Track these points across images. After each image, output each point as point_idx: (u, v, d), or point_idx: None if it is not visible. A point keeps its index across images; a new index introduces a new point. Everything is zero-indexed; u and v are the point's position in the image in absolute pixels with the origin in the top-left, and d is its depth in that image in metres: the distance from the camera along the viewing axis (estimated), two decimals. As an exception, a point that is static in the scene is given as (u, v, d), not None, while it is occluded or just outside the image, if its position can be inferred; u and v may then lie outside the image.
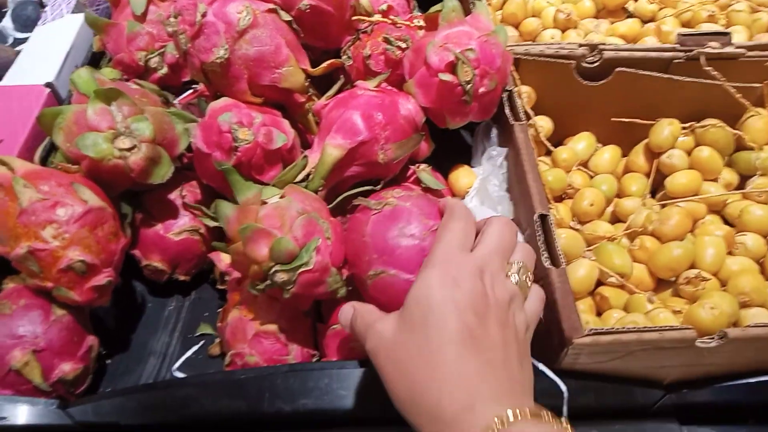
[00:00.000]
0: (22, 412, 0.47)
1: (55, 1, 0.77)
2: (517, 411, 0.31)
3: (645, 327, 0.42)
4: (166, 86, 0.66)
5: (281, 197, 0.49)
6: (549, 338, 0.46)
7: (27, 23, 0.84)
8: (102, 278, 0.50)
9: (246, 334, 0.50)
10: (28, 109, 0.64)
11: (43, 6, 0.83)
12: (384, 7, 0.71)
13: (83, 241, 0.49)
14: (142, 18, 0.64)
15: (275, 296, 0.48)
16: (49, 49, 0.70)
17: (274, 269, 0.45)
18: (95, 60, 0.71)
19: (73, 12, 0.75)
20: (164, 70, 0.64)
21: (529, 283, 0.41)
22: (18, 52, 0.74)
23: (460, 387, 0.34)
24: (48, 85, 0.66)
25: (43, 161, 0.59)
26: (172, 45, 0.64)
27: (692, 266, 0.53)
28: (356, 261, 0.49)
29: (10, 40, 0.85)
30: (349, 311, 0.42)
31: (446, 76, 0.54)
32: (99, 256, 0.50)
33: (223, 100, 0.56)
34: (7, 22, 0.86)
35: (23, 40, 0.83)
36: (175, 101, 0.68)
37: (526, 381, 0.37)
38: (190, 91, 0.69)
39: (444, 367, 0.34)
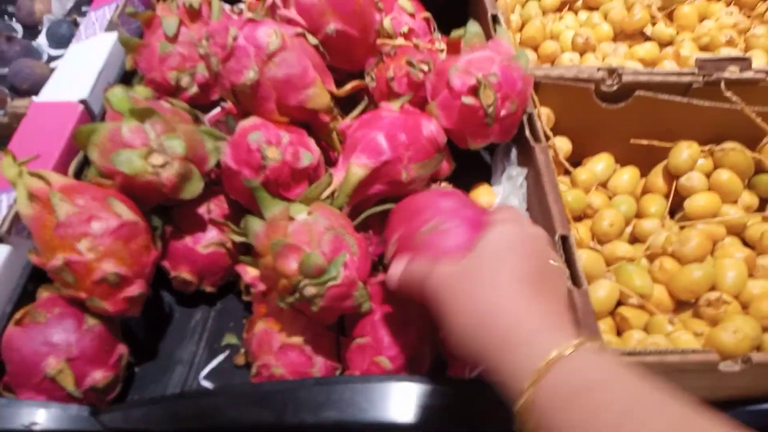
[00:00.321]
0: (55, 418, 0.48)
1: (89, 20, 0.80)
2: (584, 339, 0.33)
3: (667, 349, 0.42)
4: (195, 104, 0.68)
5: (309, 214, 0.51)
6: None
7: (61, 41, 0.87)
8: (134, 290, 0.52)
9: (272, 346, 0.51)
10: (63, 125, 0.66)
11: (77, 24, 0.86)
12: (405, 29, 0.73)
13: (117, 253, 0.51)
14: (174, 39, 0.66)
15: (302, 309, 0.50)
16: (82, 67, 0.73)
17: (303, 283, 0.46)
18: (127, 77, 0.73)
19: (106, 31, 0.78)
20: (194, 89, 0.66)
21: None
22: (53, 69, 0.76)
23: (531, 313, 0.35)
24: (82, 101, 0.68)
25: (77, 176, 0.61)
26: (201, 65, 0.66)
27: (712, 288, 0.54)
28: (407, 222, 0.49)
29: (45, 57, 0.88)
30: (398, 266, 0.44)
31: (469, 99, 0.55)
32: (132, 268, 0.52)
33: (253, 119, 0.58)
34: (42, 40, 0.89)
35: (57, 57, 0.85)
36: (204, 119, 0.70)
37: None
38: (218, 109, 0.71)
39: (518, 296, 0.36)
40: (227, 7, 0.84)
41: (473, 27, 0.58)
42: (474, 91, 0.55)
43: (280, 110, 0.59)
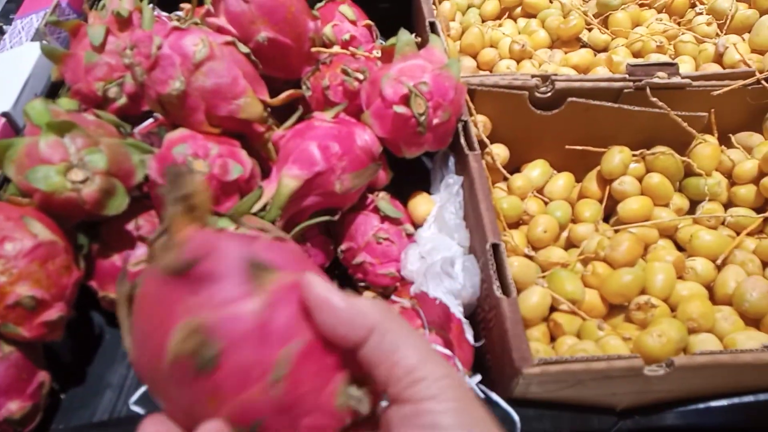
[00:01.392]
0: (-35, 454, 0.45)
1: (15, 29, 0.77)
2: None
3: (593, 356, 0.43)
4: (126, 116, 0.66)
5: (236, 228, 0.49)
6: (501, 368, 0.47)
7: (-14, 51, 0.83)
8: (53, 313, 0.50)
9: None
10: (-18, 139, 0.63)
11: (3, 33, 0.82)
12: (347, 36, 0.72)
13: (32, 275, 0.48)
14: (100, 48, 0.64)
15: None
16: (6, 78, 0.70)
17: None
18: (55, 89, 0.70)
19: (32, 40, 0.75)
20: (123, 100, 0.64)
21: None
22: (-25, 81, 0.73)
23: None
24: (4, 114, 0.66)
25: (-4, 192, 0.58)
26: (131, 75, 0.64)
27: (643, 292, 0.54)
28: None
29: (-31, 68, 0.84)
30: None
31: (400, 108, 0.55)
32: (50, 290, 0.49)
33: (180, 131, 0.56)
34: (-34, 50, 0.85)
35: (-19, 68, 0.81)
36: (136, 130, 0.68)
37: None
38: (151, 120, 0.69)
39: None
40: (164, 14, 0.82)
41: (404, 36, 0.58)
42: (405, 99, 0.55)
43: (210, 121, 0.57)
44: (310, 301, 0.25)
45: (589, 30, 0.81)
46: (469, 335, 0.52)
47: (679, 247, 0.63)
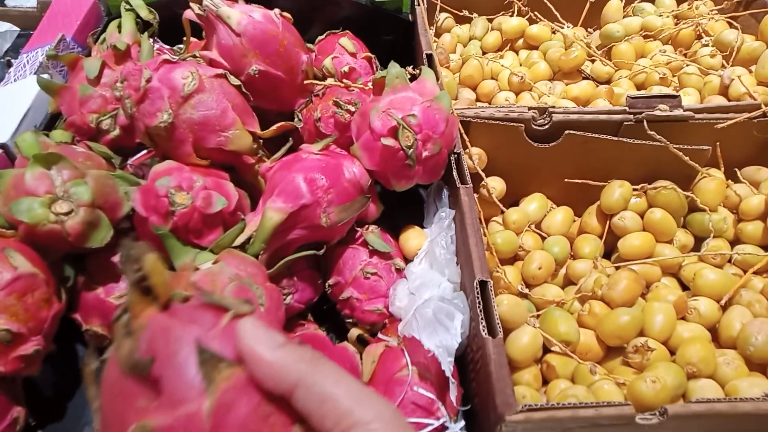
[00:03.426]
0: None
1: (20, 62, 0.78)
2: None
3: (581, 403, 0.40)
4: (120, 147, 0.66)
5: (214, 263, 0.48)
6: (486, 412, 0.44)
7: (-6, 83, 0.85)
8: (29, 347, 0.49)
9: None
10: (-22, 170, 0.63)
11: (11, 66, 0.84)
12: (346, 68, 0.72)
13: (10, 308, 0.48)
14: (95, 81, 0.64)
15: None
16: (7, 110, 0.71)
17: (200, 339, 0.43)
18: (53, 121, 0.71)
19: (35, 73, 0.76)
20: (116, 131, 0.64)
21: None
22: (-21, 112, 0.74)
23: None
24: (1, 146, 0.66)
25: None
26: (125, 107, 0.64)
27: (642, 334, 0.52)
28: None
29: (-24, 100, 0.86)
30: None
31: (388, 141, 0.54)
32: (27, 324, 0.49)
33: (166, 164, 0.55)
34: (-25, 82, 0.87)
35: (-12, 100, 0.83)
36: (130, 161, 0.68)
37: None
38: (145, 151, 0.69)
39: None
40: (167, 47, 0.84)
41: (394, 68, 0.57)
42: (394, 132, 0.54)
43: (198, 152, 0.57)
44: (240, 351, 0.24)
45: (592, 62, 0.80)
46: (454, 380, 0.49)
47: (684, 286, 0.60)
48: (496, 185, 0.64)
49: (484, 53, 0.84)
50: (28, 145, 0.56)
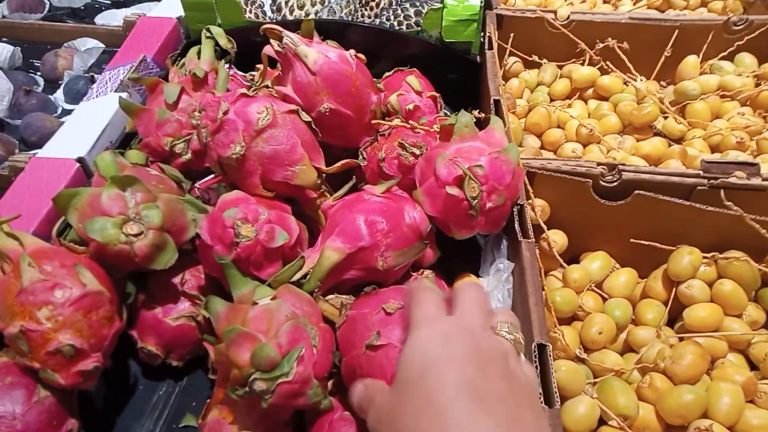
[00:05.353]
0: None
1: (103, 79, 0.82)
2: None
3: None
4: (190, 169, 0.68)
5: (272, 299, 0.49)
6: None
7: (77, 97, 0.89)
8: (89, 363, 0.50)
9: (221, 439, 0.48)
10: (56, 181, 0.67)
11: (94, 81, 0.89)
12: (411, 106, 0.73)
13: (75, 324, 0.49)
14: (173, 106, 0.67)
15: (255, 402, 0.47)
16: (87, 125, 0.74)
17: (253, 376, 0.44)
18: (128, 139, 0.74)
19: (116, 91, 0.80)
20: (188, 156, 0.67)
21: (522, 341, 0.38)
22: (62, 124, 0.78)
23: None
24: (79, 159, 0.69)
25: (60, 234, 0.61)
26: (197, 133, 0.67)
27: (705, 415, 0.49)
28: (349, 334, 0.48)
29: (59, 111, 0.91)
30: (359, 389, 0.40)
31: (453, 190, 0.53)
32: (89, 340, 0.50)
33: (234, 194, 0.57)
34: (60, 94, 0.92)
35: (70, 112, 0.88)
36: (197, 184, 0.70)
37: None
38: (212, 176, 0.71)
39: (455, 427, 0.30)
40: (240, 74, 0.86)
41: (464, 117, 0.57)
42: (459, 181, 0.54)
43: (265, 185, 0.58)
44: None
45: (665, 118, 0.78)
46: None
47: (752, 365, 0.56)
48: (557, 239, 0.63)
49: (551, 100, 0.83)
50: (106, 165, 0.58)
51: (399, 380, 0.35)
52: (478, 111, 0.68)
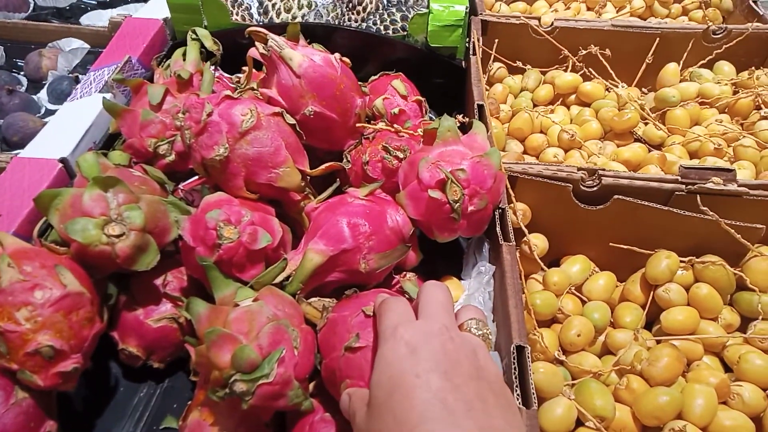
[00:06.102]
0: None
1: (87, 79, 0.82)
2: None
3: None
4: (173, 171, 0.68)
5: (254, 300, 0.49)
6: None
7: (61, 97, 0.89)
8: (69, 364, 0.50)
9: (201, 441, 0.48)
10: (38, 182, 0.66)
11: (78, 82, 0.88)
12: (396, 110, 0.73)
13: (55, 325, 0.49)
14: (157, 107, 0.67)
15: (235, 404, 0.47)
16: (70, 125, 0.74)
17: (234, 378, 0.44)
18: (112, 140, 0.74)
19: (101, 92, 0.79)
20: (172, 157, 0.66)
21: (491, 337, 0.39)
22: (45, 124, 0.77)
23: None
24: (62, 160, 0.69)
25: (42, 234, 0.60)
26: (181, 134, 0.67)
27: (680, 416, 0.50)
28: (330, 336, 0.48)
29: (43, 111, 0.90)
30: (344, 400, 0.40)
31: (435, 193, 0.54)
32: (69, 341, 0.50)
33: (217, 195, 0.57)
34: (43, 94, 0.91)
35: (54, 113, 0.87)
36: (181, 185, 0.70)
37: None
38: (196, 177, 0.71)
39: (438, 423, 0.30)
40: (226, 75, 0.86)
41: (447, 121, 0.58)
42: (441, 185, 0.54)
43: (249, 186, 0.58)
44: None
45: (645, 124, 0.79)
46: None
47: (726, 368, 0.58)
48: (538, 243, 0.64)
49: (534, 105, 0.84)
50: (89, 166, 0.58)
51: (371, 401, 0.35)
52: (462, 115, 0.69)
